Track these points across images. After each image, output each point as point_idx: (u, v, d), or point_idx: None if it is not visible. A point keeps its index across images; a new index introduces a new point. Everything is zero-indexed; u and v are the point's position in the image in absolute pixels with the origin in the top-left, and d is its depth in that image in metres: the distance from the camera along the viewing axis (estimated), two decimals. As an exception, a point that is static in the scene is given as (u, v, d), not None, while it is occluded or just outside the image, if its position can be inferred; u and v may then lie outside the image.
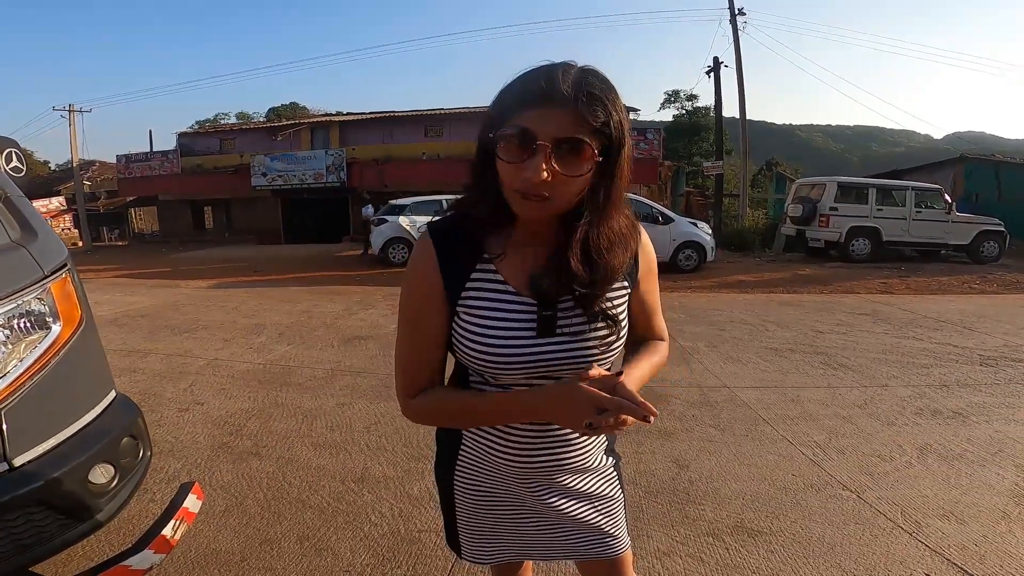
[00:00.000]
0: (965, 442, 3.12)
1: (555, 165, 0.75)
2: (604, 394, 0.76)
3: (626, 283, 0.94)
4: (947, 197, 12.61)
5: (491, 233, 0.89)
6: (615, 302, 0.91)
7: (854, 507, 2.45)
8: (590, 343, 0.88)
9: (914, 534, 2.23)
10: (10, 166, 2.12)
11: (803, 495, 2.56)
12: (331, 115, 28.34)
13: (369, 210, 14.20)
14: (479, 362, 0.89)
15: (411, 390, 0.93)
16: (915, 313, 6.94)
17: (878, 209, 12.23)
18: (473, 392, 0.94)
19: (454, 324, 0.90)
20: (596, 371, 0.79)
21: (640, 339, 1.03)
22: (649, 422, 0.74)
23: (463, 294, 0.89)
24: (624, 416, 0.75)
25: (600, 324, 0.89)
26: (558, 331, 0.87)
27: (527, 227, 0.87)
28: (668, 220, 10.80)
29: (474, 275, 0.89)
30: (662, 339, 1.04)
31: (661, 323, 1.05)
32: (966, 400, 3.78)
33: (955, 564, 2.03)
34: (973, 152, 20.57)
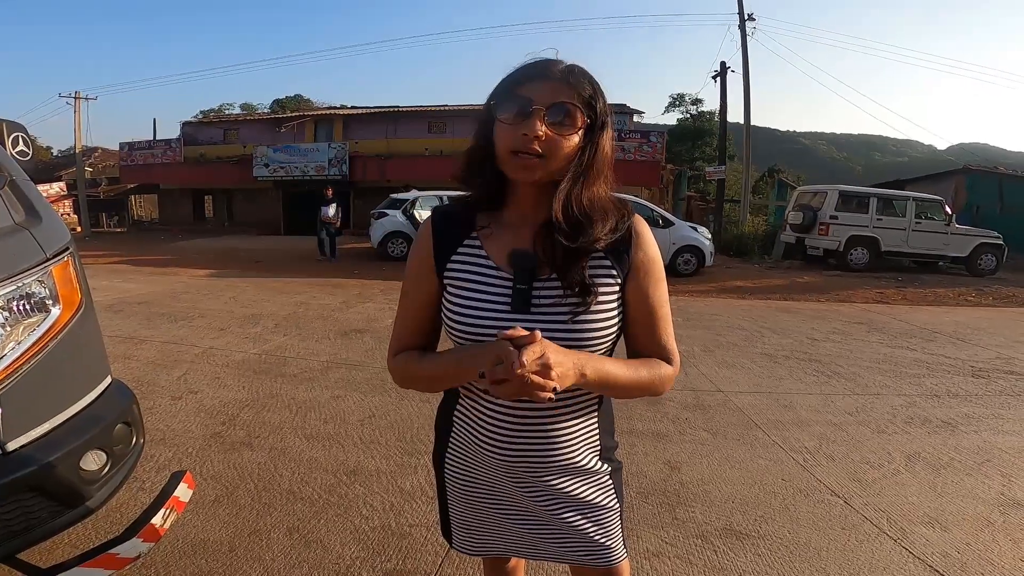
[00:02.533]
0: (953, 451, 3.14)
1: (548, 127, 0.85)
2: (509, 347, 0.77)
3: (614, 271, 0.93)
4: (947, 209, 12.63)
5: (484, 212, 0.97)
6: (596, 281, 0.91)
7: (841, 512, 2.47)
8: (564, 323, 0.89)
9: (898, 540, 2.25)
10: (16, 150, 2.12)
11: (792, 500, 2.58)
12: (335, 108, 28.30)
13: (329, 210, 12.14)
14: (457, 334, 0.94)
15: (394, 349, 1.02)
16: (910, 324, 6.97)
17: (878, 219, 12.23)
18: (432, 353, 1.00)
19: (443, 297, 0.97)
20: (518, 330, 0.79)
21: (641, 355, 0.97)
22: (541, 397, 0.76)
23: (449, 267, 0.96)
24: (517, 377, 0.74)
25: (575, 299, 0.89)
26: (532, 309, 0.90)
27: (517, 205, 0.94)
28: (668, 224, 10.82)
29: (461, 249, 0.96)
30: (666, 359, 0.96)
31: (665, 339, 0.96)
32: (956, 410, 3.81)
33: (937, 571, 2.06)
34: (976, 164, 20.60)
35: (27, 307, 1.45)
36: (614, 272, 0.93)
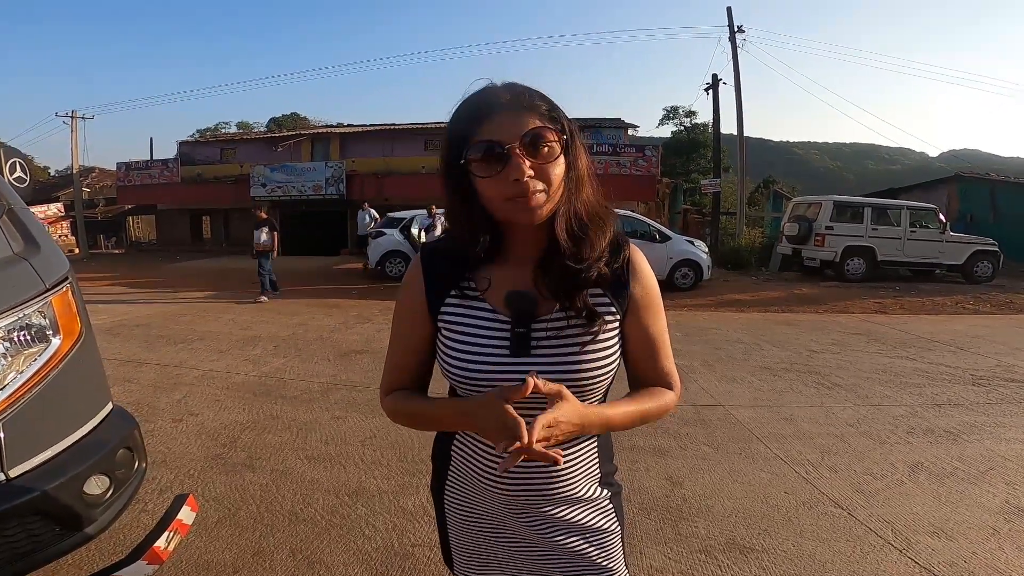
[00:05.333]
0: (956, 460, 3.14)
1: (530, 160, 0.80)
2: (513, 415, 0.76)
3: (613, 308, 0.91)
4: (941, 217, 12.71)
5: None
6: (598, 309, 0.89)
7: (845, 524, 2.46)
8: (564, 364, 0.87)
9: (904, 551, 2.25)
10: (14, 176, 2.14)
11: (795, 512, 2.57)
12: (332, 127, 28.49)
13: (260, 235, 9.48)
14: (455, 379, 0.92)
15: (386, 388, 1.01)
16: (909, 333, 6.99)
17: (873, 228, 12.29)
18: (428, 398, 0.98)
19: (437, 340, 0.95)
20: (531, 382, 0.77)
21: (642, 384, 0.96)
22: (554, 462, 0.76)
23: (443, 310, 0.93)
24: (525, 448, 0.73)
25: (577, 332, 0.87)
26: (532, 351, 0.88)
27: (512, 245, 0.91)
28: (665, 238, 10.85)
29: (455, 291, 0.93)
30: (668, 386, 0.96)
31: (667, 366, 0.96)
32: (958, 419, 3.81)
33: (944, 583, 2.05)
34: (968, 171, 20.72)
35: (28, 338, 1.46)
36: (613, 308, 0.91)
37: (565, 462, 0.94)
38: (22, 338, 1.45)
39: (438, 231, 10.01)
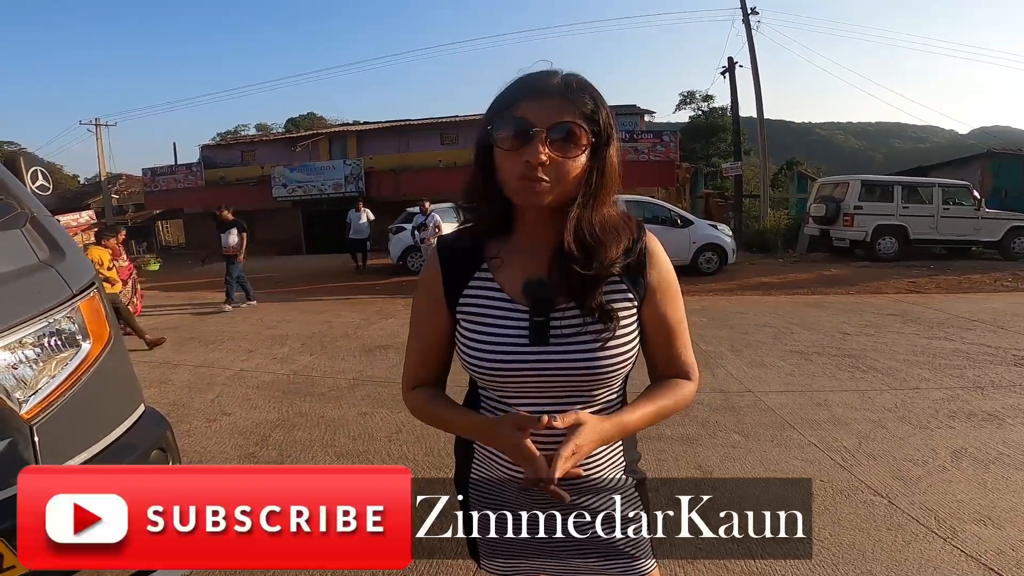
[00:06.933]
0: (1001, 445, 3.03)
1: (551, 149, 0.81)
2: (531, 450, 0.81)
3: (630, 295, 0.91)
4: (976, 193, 12.32)
5: (493, 242, 0.93)
6: (615, 306, 0.89)
7: (886, 513, 2.39)
8: (583, 353, 0.87)
9: (949, 539, 2.17)
10: (36, 184, 2.16)
11: (832, 501, 2.50)
12: (348, 124, 28.67)
13: (230, 238, 8.70)
14: (475, 369, 0.92)
15: (409, 383, 1.02)
16: (946, 313, 6.76)
17: (904, 207, 11.96)
18: (452, 405, 0.98)
19: (456, 332, 0.95)
20: (545, 420, 0.80)
21: (660, 375, 0.97)
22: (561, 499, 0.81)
23: (461, 301, 0.94)
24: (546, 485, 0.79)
25: (595, 328, 0.87)
26: (551, 339, 0.88)
27: (527, 230, 0.91)
28: (687, 223, 10.68)
29: (472, 283, 0.93)
30: (685, 376, 0.96)
31: (685, 354, 0.96)
32: (1001, 402, 3.67)
33: (992, 569, 1.98)
34: (1000, 147, 19.99)
35: (58, 343, 1.48)
36: (631, 295, 0.91)
37: (590, 455, 0.93)
38: (53, 343, 1.46)
39: (430, 230, 10.01)
